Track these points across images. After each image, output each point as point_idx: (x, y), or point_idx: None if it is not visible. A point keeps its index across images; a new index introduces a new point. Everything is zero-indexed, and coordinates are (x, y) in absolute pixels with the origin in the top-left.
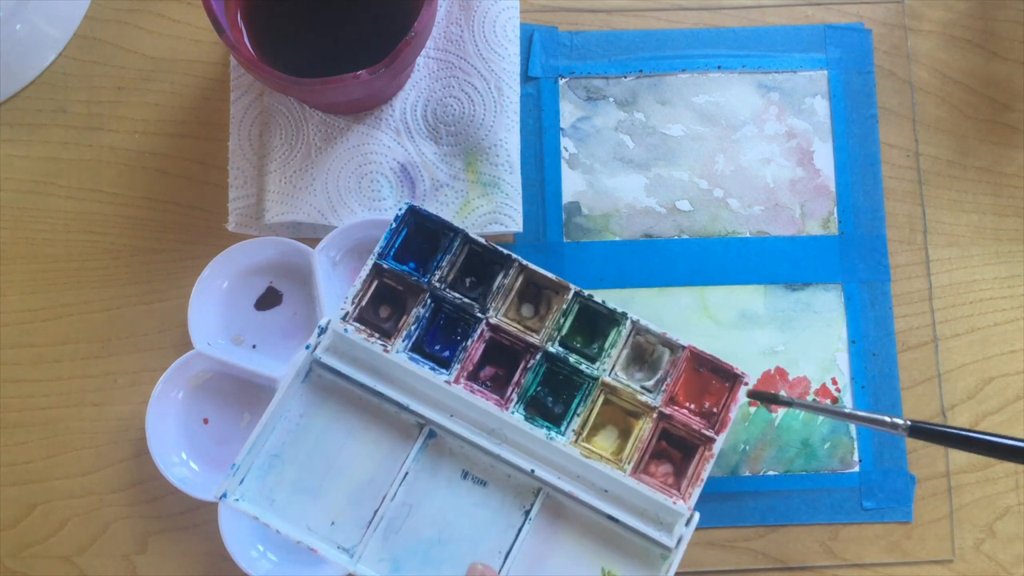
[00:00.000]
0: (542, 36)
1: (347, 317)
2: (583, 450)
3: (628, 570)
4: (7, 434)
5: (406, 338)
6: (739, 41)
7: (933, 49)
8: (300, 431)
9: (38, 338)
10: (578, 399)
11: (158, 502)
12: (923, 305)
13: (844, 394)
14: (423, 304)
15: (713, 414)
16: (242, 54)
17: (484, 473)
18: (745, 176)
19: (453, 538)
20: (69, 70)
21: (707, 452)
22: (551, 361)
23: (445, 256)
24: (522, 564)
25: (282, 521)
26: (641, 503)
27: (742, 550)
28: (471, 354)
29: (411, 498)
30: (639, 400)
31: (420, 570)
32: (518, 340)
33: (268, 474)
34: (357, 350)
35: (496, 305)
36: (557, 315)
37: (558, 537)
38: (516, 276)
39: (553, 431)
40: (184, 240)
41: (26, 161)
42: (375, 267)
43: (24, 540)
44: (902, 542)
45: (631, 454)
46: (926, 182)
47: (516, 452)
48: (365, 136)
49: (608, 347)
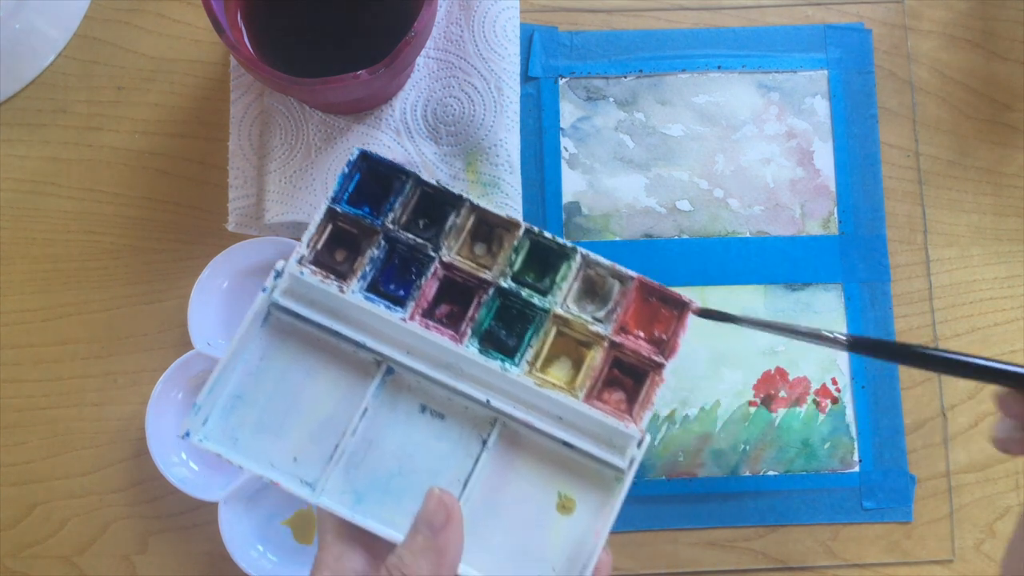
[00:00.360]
0: (542, 36)
1: (303, 260)
2: (537, 379)
3: (583, 493)
4: (7, 434)
5: (361, 279)
6: (739, 41)
7: (933, 49)
8: (261, 373)
9: (38, 338)
10: (531, 331)
11: (158, 502)
12: (923, 305)
13: (844, 394)
14: (377, 245)
15: (663, 341)
16: (242, 54)
17: (442, 406)
18: (745, 176)
19: (413, 469)
20: (69, 70)
21: (657, 377)
22: (504, 296)
23: (398, 199)
24: (480, 491)
25: (244, 458)
26: (595, 428)
27: (742, 550)
28: (425, 292)
29: (371, 433)
30: (590, 330)
31: (382, 501)
32: (471, 277)
33: (231, 415)
34: (314, 292)
35: (449, 244)
36: (509, 251)
37: (515, 464)
38: (468, 215)
39: (507, 362)
40: (184, 240)
41: (26, 161)
42: (329, 211)
43: (24, 540)
44: (902, 542)
45: (584, 382)
46: (926, 182)
47: (472, 384)
48: (365, 136)
49: (559, 280)
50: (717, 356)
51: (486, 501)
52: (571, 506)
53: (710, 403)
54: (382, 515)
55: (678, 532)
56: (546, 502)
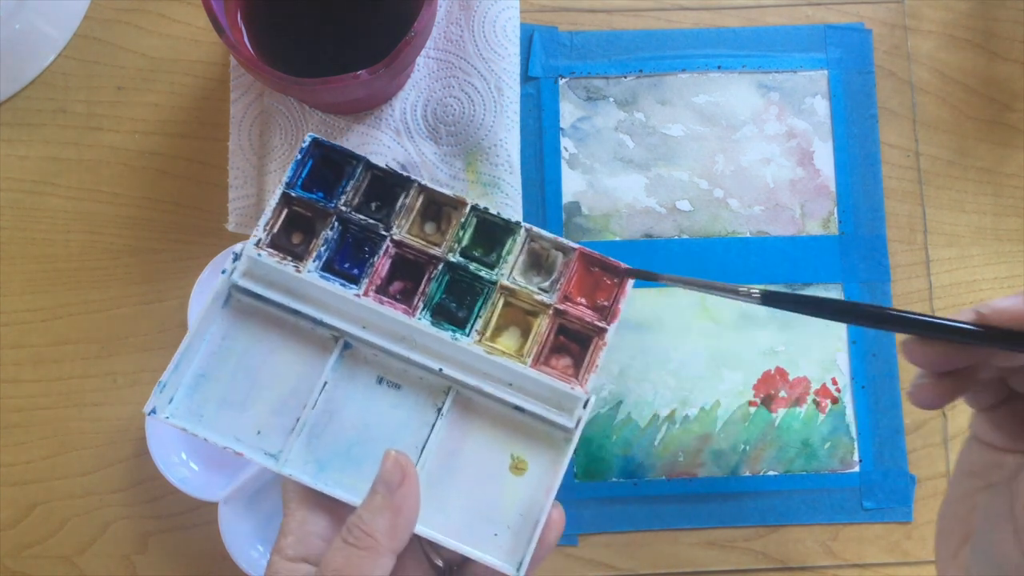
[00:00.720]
0: (542, 36)
1: (260, 243)
2: (487, 348)
3: (535, 453)
4: (7, 434)
5: (317, 259)
6: (739, 41)
7: (933, 49)
8: (223, 351)
9: (38, 338)
10: (480, 303)
11: (158, 502)
12: (923, 305)
13: (844, 394)
14: (331, 227)
15: (605, 307)
16: (242, 54)
17: (398, 377)
18: (745, 176)
19: (372, 438)
20: (69, 70)
21: (600, 341)
22: (453, 270)
23: (349, 182)
24: (437, 456)
25: (210, 432)
26: (543, 392)
27: (742, 550)
28: (378, 269)
29: (331, 405)
30: (536, 299)
31: (343, 469)
32: (422, 253)
33: (195, 392)
34: (272, 273)
35: (399, 223)
36: (456, 228)
37: (469, 429)
38: (416, 196)
39: (458, 333)
40: (184, 240)
41: (26, 161)
42: (283, 196)
43: (24, 540)
44: (902, 542)
45: (531, 348)
46: (926, 182)
47: (426, 355)
48: (365, 136)
49: (505, 254)
50: (717, 356)
51: (442, 466)
52: (523, 467)
53: (710, 403)
54: (344, 482)
55: (678, 532)
56: (500, 464)
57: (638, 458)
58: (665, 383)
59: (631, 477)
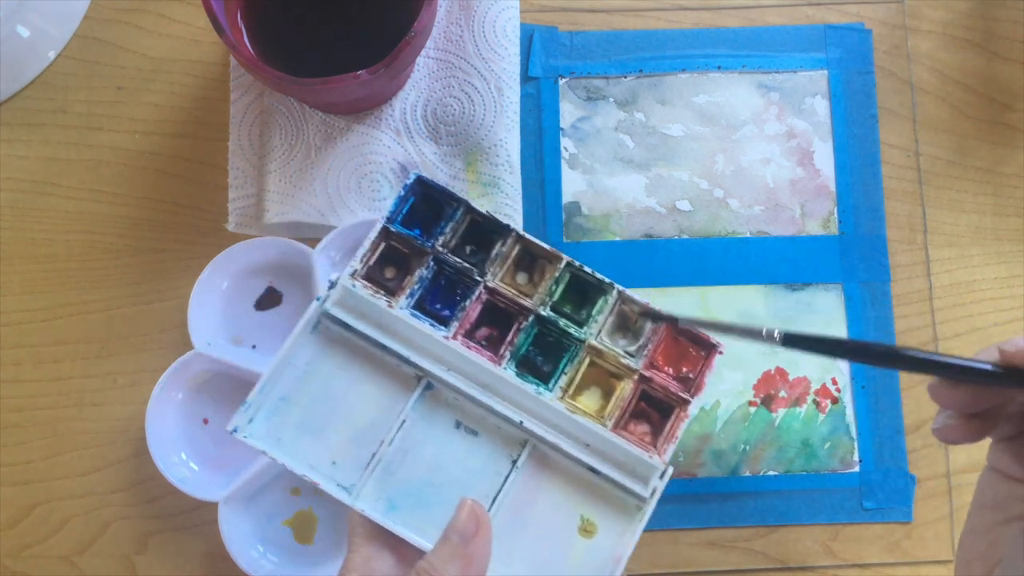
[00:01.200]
0: (542, 36)
1: (355, 274)
2: (568, 406)
3: (605, 518)
4: (7, 434)
5: (409, 296)
6: (739, 41)
7: (933, 49)
8: (307, 377)
9: (38, 338)
10: (566, 359)
11: (158, 502)
12: (923, 305)
13: (844, 394)
14: (426, 266)
15: (690, 379)
16: (242, 54)
17: (476, 423)
18: (745, 176)
19: (445, 482)
20: (69, 70)
21: (682, 412)
22: (542, 324)
23: (448, 223)
24: (508, 508)
25: (287, 457)
26: (620, 456)
27: (742, 550)
28: (469, 313)
29: (407, 444)
30: (622, 363)
31: (413, 510)
32: (513, 303)
33: (275, 415)
34: (363, 305)
35: (494, 270)
36: (550, 282)
37: (543, 485)
38: (513, 245)
39: (541, 387)
40: (184, 240)
41: (26, 161)
42: (383, 230)
43: (24, 540)
44: (902, 542)
45: (612, 411)
46: (926, 182)
47: (507, 405)
48: (365, 136)
49: (595, 313)
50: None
51: (512, 518)
52: (593, 530)
53: (710, 403)
54: (413, 523)
55: (678, 532)
56: (569, 524)
57: None
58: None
59: None
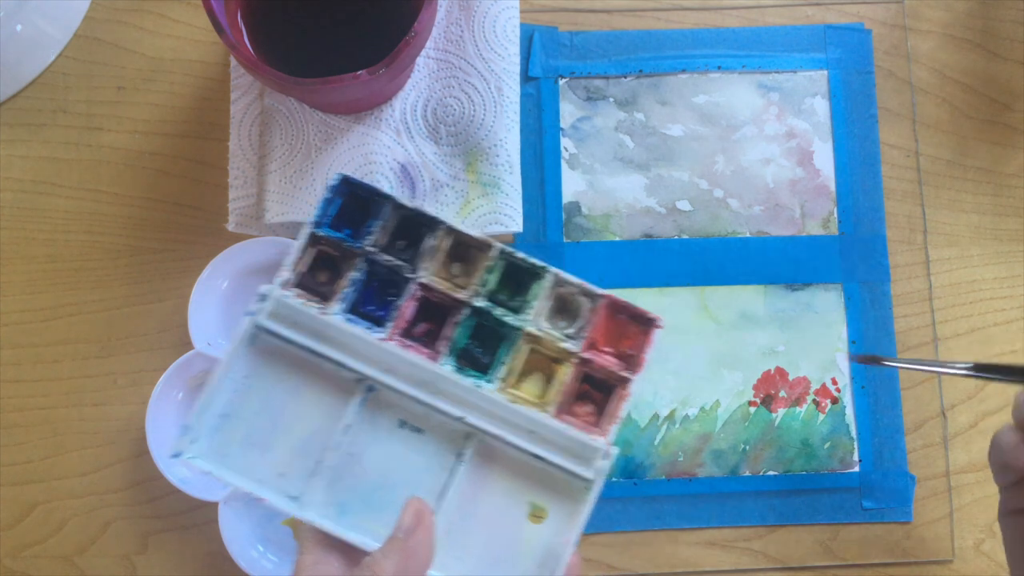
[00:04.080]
0: (542, 36)
1: (286, 284)
2: (509, 396)
3: (554, 503)
4: (7, 434)
5: (342, 300)
6: (739, 41)
7: (933, 49)
8: (248, 391)
9: (38, 338)
10: (504, 349)
11: (158, 502)
12: (923, 305)
13: (844, 394)
14: (357, 268)
15: (630, 356)
16: (242, 54)
17: (420, 422)
18: (745, 176)
19: (393, 483)
20: (69, 70)
21: (623, 391)
22: (478, 315)
23: (376, 222)
24: (457, 502)
25: (234, 475)
26: (564, 441)
27: (742, 550)
28: (403, 312)
29: (353, 448)
30: (561, 347)
31: (364, 512)
32: (447, 297)
33: (219, 432)
34: (297, 314)
35: (426, 265)
36: (483, 272)
37: (490, 477)
38: (444, 237)
39: (481, 380)
40: (184, 240)
41: (26, 161)
42: (311, 235)
43: (24, 540)
44: (902, 542)
45: (554, 397)
46: (926, 182)
47: (448, 401)
48: (365, 136)
49: (531, 299)
50: (717, 356)
51: (462, 511)
52: (542, 515)
53: (710, 403)
54: (364, 526)
55: (678, 532)
56: (518, 512)
57: (638, 458)
58: (665, 383)
59: (631, 477)
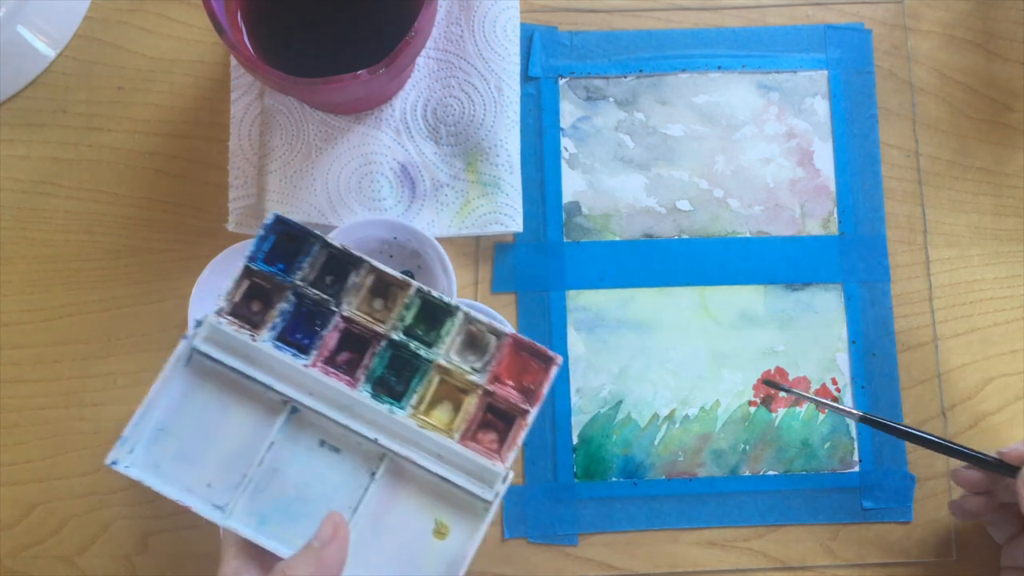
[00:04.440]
0: (542, 36)
1: (221, 312)
2: (419, 421)
3: (457, 520)
4: (7, 434)
5: (272, 329)
6: (739, 41)
7: (933, 49)
8: (182, 408)
9: (38, 338)
10: (417, 379)
11: (158, 502)
12: (923, 305)
13: (844, 394)
14: (287, 300)
15: (530, 390)
16: (242, 54)
17: (338, 441)
18: (745, 176)
19: (311, 496)
20: (69, 70)
21: (523, 421)
22: (395, 347)
23: (306, 259)
24: (368, 516)
25: (164, 484)
26: (467, 465)
27: (742, 550)
28: (327, 342)
29: (276, 463)
30: (468, 379)
31: (283, 523)
32: (367, 329)
33: (154, 444)
34: (229, 340)
35: (349, 299)
36: (400, 308)
37: (399, 494)
38: (367, 275)
39: (395, 406)
40: (184, 240)
41: (26, 161)
42: (246, 269)
43: (24, 540)
44: (902, 542)
45: (460, 425)
46: (926, 182)
47: (364, 424)
48: (365, 136)
49: (444, 335)
50: (717, 356)
51: (372, 526)
52: (445, 531)
53: (710, 403)
54: (282, 536)
55: (678, 532)
56: (424, 527)
57: (638, 458)
58: (665, 383)
59: (631, 477)
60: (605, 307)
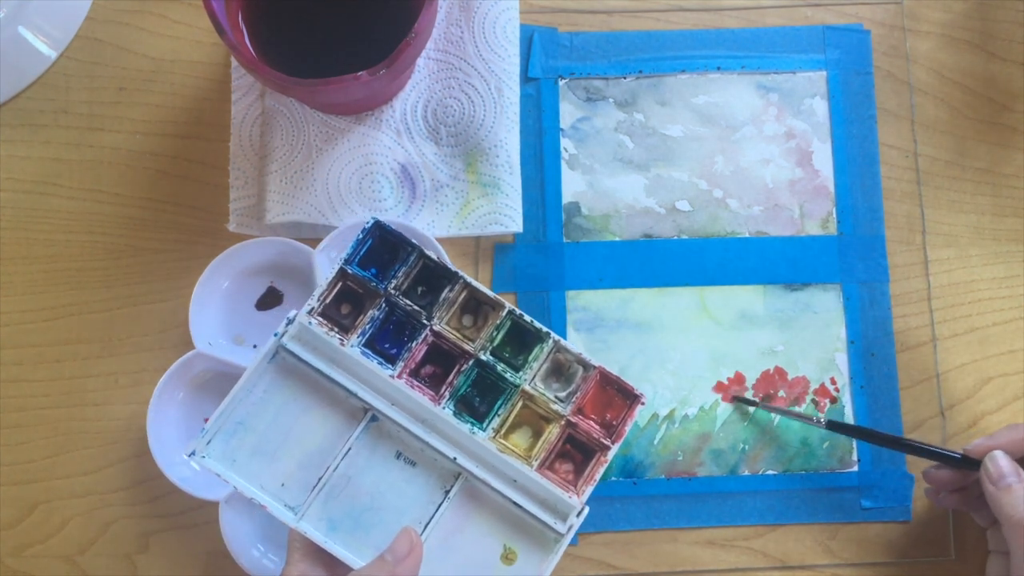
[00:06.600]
0: (542, 37)
1: (312, 312)
2: (499, 445)
3: (526, 548)
4: (8, 434)
5: (361, 335)
6: (739, 42)
7: (932, 50)
8: (263, 404)
9: (39, 338)
10: (500, 402)
11: (159, 501)
12: (922, 305)
13: (843, 394)
14: (378, 307)
15: (613, 426)
16: (243, 55)
17: (414, 455)
18: (744, 176)
19: (382, 507)
20: (70, 71)
21: (602, 457)
22: (481, 367)
23: (402, 267)
24: (439, 534)
25: (241, 480)
26: (543, 494)
27: (742, 549)
28: (415, 354)
29: (351, 470)
30: (551, 408)
31: (352, 531)
32: (456, 347)
33: (232, 438)
34: (317, 341)
35: (440, 314)
36: (491, 328)
37: (471, 515)
38: (460, 291)
39: (476, 427)
40: (185, 240)
41: (27, 162)
42: (340, 271)
43: (25, 540)
44: (901, 542)
45: (539, 452)
46: (925, 183)
47: (443, 441)
48: (366, 137)
49: (531, 360)
50: (717, 356)
51: (441, 543)
52: (513, 558)
53: (710, 403)
54: (350, 544)
55: (678, 531)
56: (492, 551)
57: (637, 457)
58: (665, 383)
59: (630, 476)
60: (605, 307)
